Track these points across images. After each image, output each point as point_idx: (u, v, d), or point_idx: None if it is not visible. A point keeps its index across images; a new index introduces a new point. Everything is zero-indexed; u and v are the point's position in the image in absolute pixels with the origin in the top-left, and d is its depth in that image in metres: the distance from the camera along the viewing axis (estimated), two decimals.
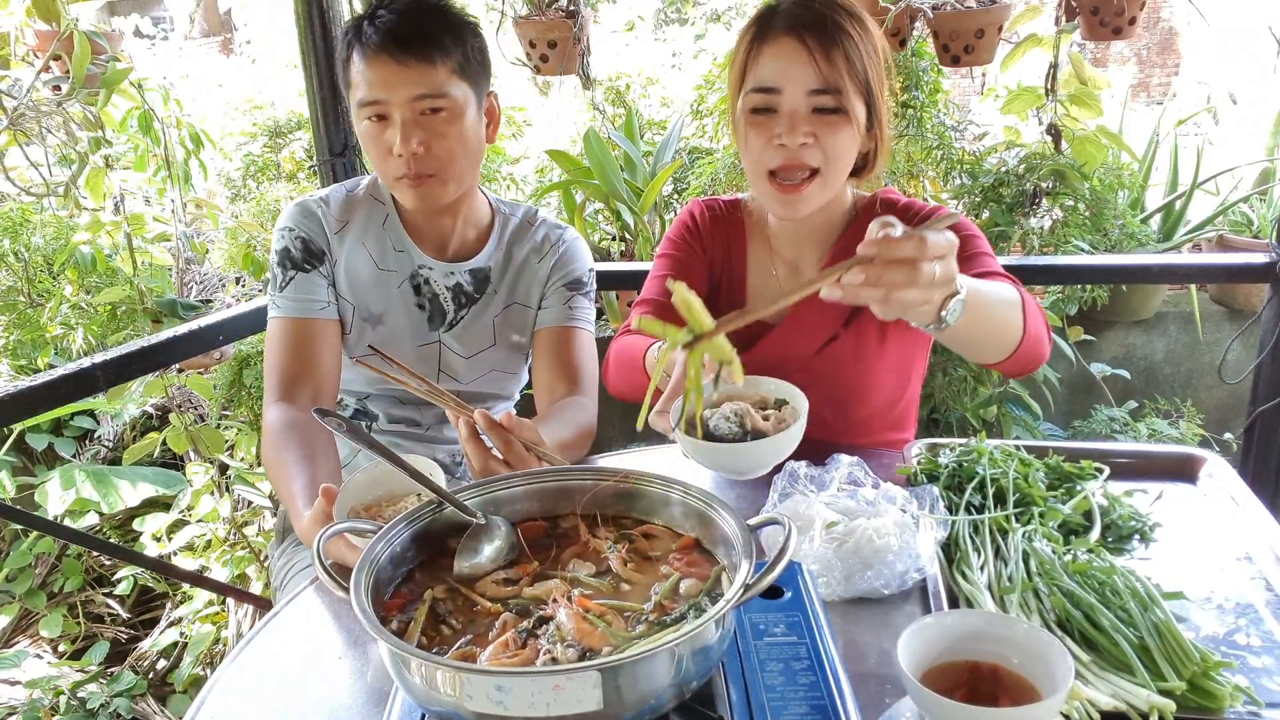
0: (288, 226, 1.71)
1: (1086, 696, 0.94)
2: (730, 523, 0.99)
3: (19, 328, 3.23)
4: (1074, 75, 2.93)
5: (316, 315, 1.68)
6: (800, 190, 1.49)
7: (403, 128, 1.55)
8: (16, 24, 2.73)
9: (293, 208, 1.73)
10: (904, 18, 2.69)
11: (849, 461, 1.35)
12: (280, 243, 1.70)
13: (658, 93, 4.65)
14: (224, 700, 1.09)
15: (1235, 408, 3.50)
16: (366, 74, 1.56)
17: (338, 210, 1.73)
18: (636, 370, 1.56)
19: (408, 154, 1.56)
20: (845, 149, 1.49)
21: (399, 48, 1.53)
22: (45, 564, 3.05)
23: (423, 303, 1.75)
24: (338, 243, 1.71)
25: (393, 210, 1.75)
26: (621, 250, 3.58)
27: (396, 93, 1.55)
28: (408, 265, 1.74)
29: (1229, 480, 1.40)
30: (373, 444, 1.11)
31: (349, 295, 1.72)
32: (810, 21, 1.44)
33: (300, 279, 1.68)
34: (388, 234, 1.74)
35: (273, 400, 1.63)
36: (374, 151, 1.61)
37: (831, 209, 1.61)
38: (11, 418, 1.94)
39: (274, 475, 1.55)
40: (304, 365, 1.66)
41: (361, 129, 1.62)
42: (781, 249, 1.69)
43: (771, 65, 1.47)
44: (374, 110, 1.57)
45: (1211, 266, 2.85)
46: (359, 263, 1.72)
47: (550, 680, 0.80)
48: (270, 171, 4.60)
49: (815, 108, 1.46)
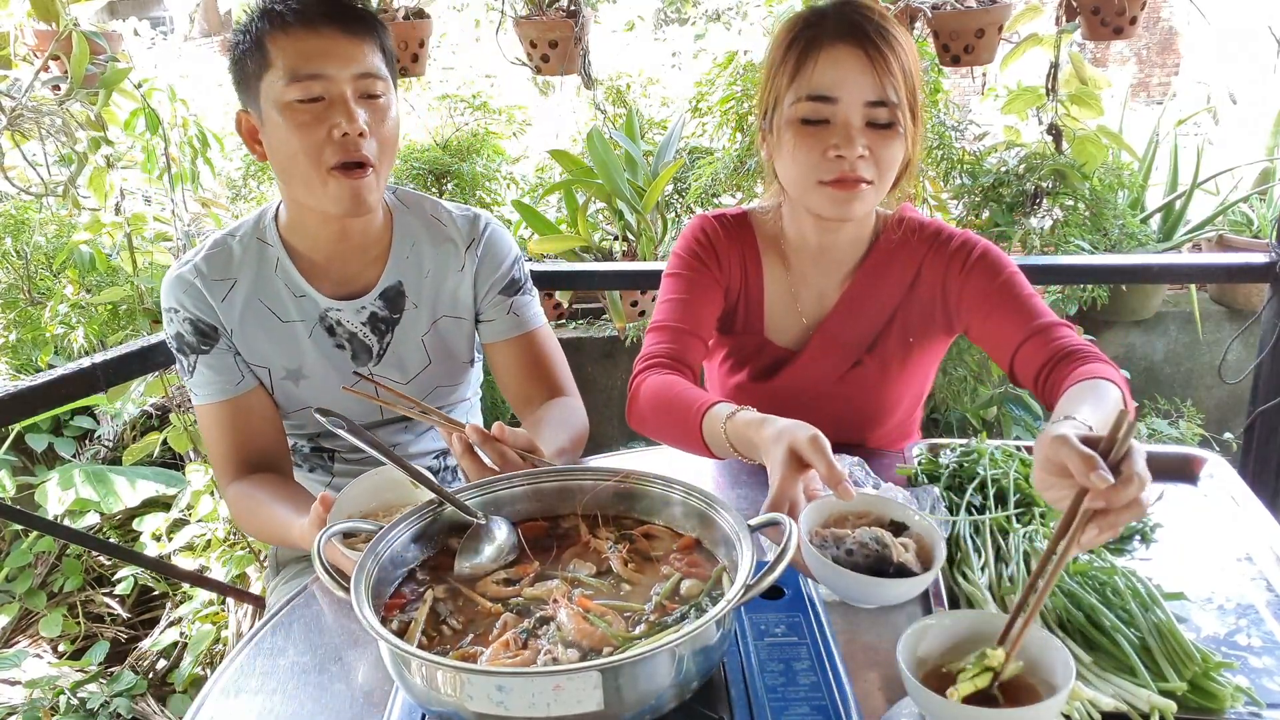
0: (171, 307, 1.54)
1: (1088, 697, 0.94)
2: (731, 523, 0.99)
3: (19, 327, 3.23)
4: (1074, 75, 2.94)
5: (236, 394, 1.54)
6: (858, 189, 1.42)
7: (346, 104, 1.40)
8: (16, 24, 2.72)
9: (169, 284, 1.54)
10: (904, 18, 2.68)
11: (850, 461, 1.35)
12: (171, 327, 1.55)
13: (658, 92, 4.65)
14: (224, 700, 1.09)
15: (1235, 408, 3.50)
16: (302, 46, 1.39)
17: (216, 270, 1.54)
18: (687, 428, 1.37)
19: (354, 133, 1.39)
20: (895, 162, 1.44)
21: (345, 19, 1.41)
22: (45, 564, 3.05)
23: (340, 343, 1.60)
24: (227, 310, 1.53)
25: (282, 251, 1.56)
26: (624, 250, 3.58)
27: (341, 66, 1.39)
28: (313, 310, 1.57)
29: (1229, 480, 1.40)
30: (374, 443, 1.11)
31: (259, 360, 1.57)
32: (868, 30, 1.39)
33: (205, 362, 1.53)
34: (280, 279, 1.56)
35: (227, 483, 1.55)
36: (300, 141, 1.41)
37: (861, 226, 1.57)
38: (11, 418, 1.93)
39: (260, 525, 1.49)
40: (245, 443, 1.55)
41: (282, 122, 1.41)
42: (801, 266, 1.61)
43: (829, 73, 1.40)
44: (309, 86, 1.39)
45: (1211, 266, 2.85)
46: (257, 323, 1.55)
47: (551, 680, 0.80)
48: (270, 171, 4.60)
49: (869, 120, 1.40)
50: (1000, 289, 1.48)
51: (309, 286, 1.57)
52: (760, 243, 1.63)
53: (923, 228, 1.58)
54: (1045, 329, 1.42)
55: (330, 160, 1.41)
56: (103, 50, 2.67)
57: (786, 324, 1.63)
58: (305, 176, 1.44)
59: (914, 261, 1.56)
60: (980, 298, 1.50)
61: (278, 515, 1.42)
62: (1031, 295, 1.48)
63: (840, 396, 1.59)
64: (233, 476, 1.54)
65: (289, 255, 1.57)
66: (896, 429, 1.69)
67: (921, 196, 3.31)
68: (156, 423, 3.32)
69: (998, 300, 1.48)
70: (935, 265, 1.55)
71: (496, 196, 3.83)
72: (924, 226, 1.58)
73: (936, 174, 3.31)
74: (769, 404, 1.39)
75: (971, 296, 1.51)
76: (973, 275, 1.51)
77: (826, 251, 1.59)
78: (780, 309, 1.63)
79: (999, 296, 1.48)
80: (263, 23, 1.41)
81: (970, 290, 1.51)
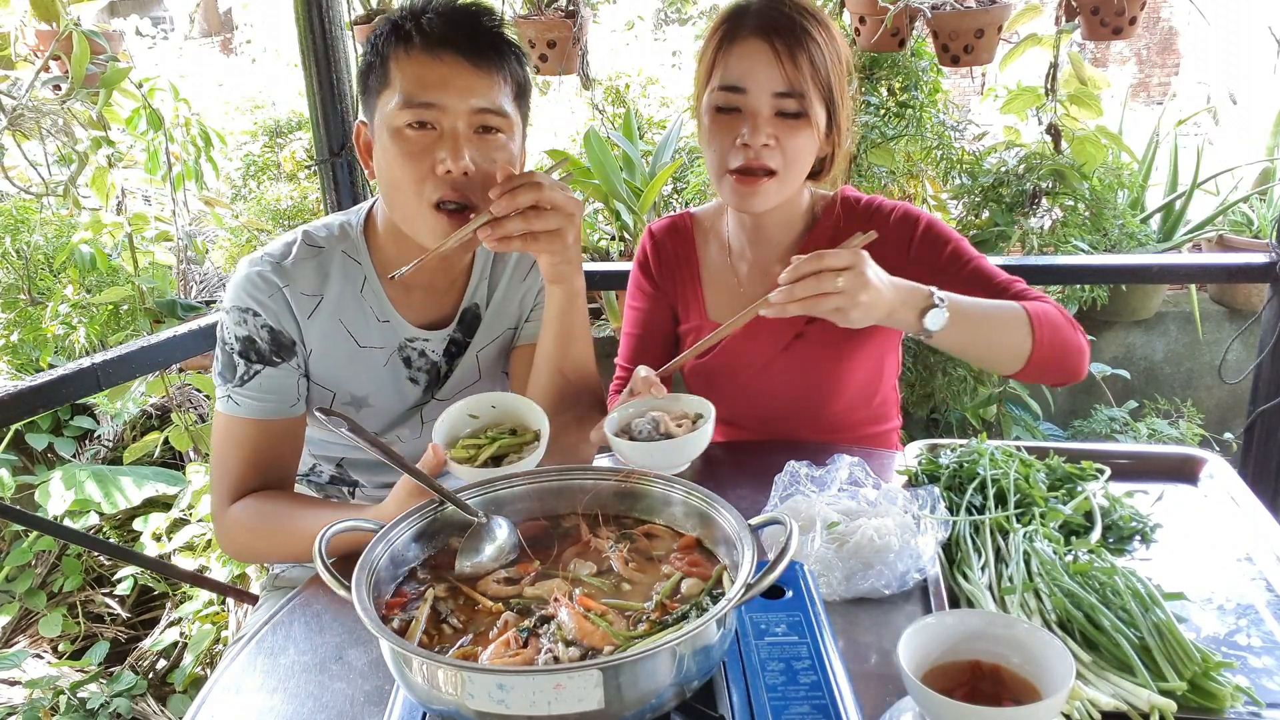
0: (250, 309, 1.39)
1: (1087, 696, 0.94)
2: (732, 522, 0.99)
3: (20, 326, 3.24)
4: (1074, 75, 2.93)
5: (287, 415, 1.42)
6: (758, 183, 1.51)
7: (455, 140, 1.30)
8: (17, 24, 2.73)
9: (250, 279, 1.40)
10: (903, 18, 2.68)
11: (849, 462, 1.35)
12: (241, 328, 1.40)
13: (657, 92, 4.66)
14: (224, 700, 1.09)
15: (1235, 408, 3.51)
16: (422, 71, 1.29)
17: (307, 284, 1.42)
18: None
19: (458, 172, 1.30)
20: (804, 152, 1.52)
21: (474, 49, 1.30)
22: (45, 563, 3.05)
23: (415, 376, 1.52)
24: (310, 327, 1.42)
25: (371, 270, 1.47)
26: (621, 250, 3.58)
27: (459, 98, 1.30)
28: (393, 339, 1.48)
29: (1229, 480, 1.40)
30: (375, 442, 1.11)
31: (327, 382, 1.46)
32: (780, 24, 1.47)
33: (268, 375, 1.40)
34: (367, 302, 1.46)
35: (228, 503, 1.41)
36: (405, 169, 1.32)
37: (790, 209, 1.64)
38: (11, 417, 1.94)
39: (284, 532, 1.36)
40: (266, 467, 1.42)
41: (390, 145, 1.32)
42: (740, 245, 1.70)
43: (739, 65, 1.49)
44: (422, 114, 1.30)
45: (1211, 266, 2.85)
46: (336, 345, 1.45)
47: (551, 679, 0.80)
48: (271, 171, 4.60)
49: (778, 110, 1.49)
50: (950, 259, 1.57)
51: (395, 312, 1.48)
52: (697, 236, 1.76)
53: (860, 204, 1.65)
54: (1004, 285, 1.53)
55: (431, 196, 1.32)
56: (103, 50, 2.67)
57: (729, 303, 1.71)
58: (404, 207, 1.36)
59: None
60: (931, 270, 1.55)
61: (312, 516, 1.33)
62: (981, 259, 1.58)
63: (785, 369, 1.65)
64: (236, 497, 1.41)
65: (378, 277, 1.47)
66: (860, 410, 1.71)
67: (921, 196, 3.31)
68: (156, 422, 3.32)
69: (953, 271, 1.56)
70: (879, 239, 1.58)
71: None
72: (860, 202, 1.66)
73: (936, 174, 3.31)
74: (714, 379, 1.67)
75: (920, 268, 1.54)
76: (920, 248, 1.58)
77: (760, 230, 1.67)
78: (722, 290, 1.72)
79: (952, 266, 1.56)
80: (390, 39, 1.33)
81: (918, 263, 1.56)
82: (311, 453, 1.59)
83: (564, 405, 1.49)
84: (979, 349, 1.47)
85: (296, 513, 1.38)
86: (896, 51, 2.91)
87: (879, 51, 2.92)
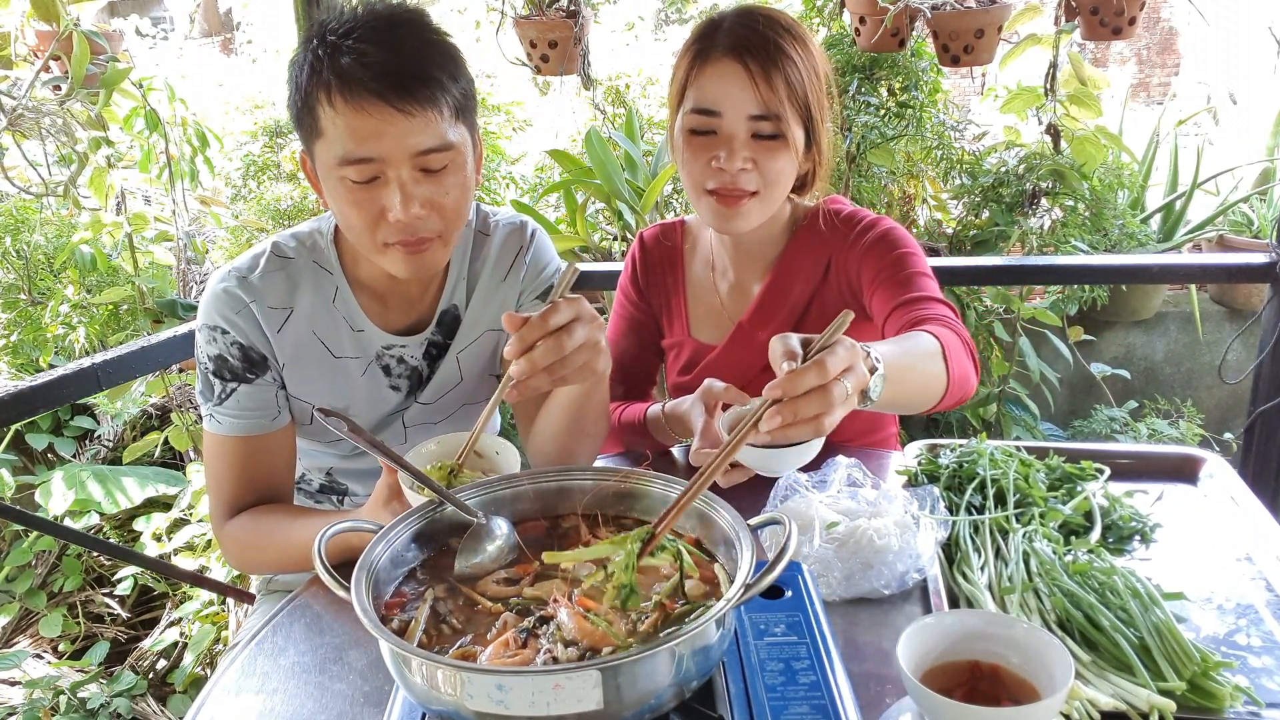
0: (219, 326, 1.37)
1: (1087, 696, 0.94)
2: (731, 522, 0.99)
3: (20, 326, 3.24)
4: (1074, 75, 2.93)
5: (269, 430, 1.41)
6: (740, 204, 1.47)
7: (402, 189, 1.25)
8: (17, 24, 2.73)
9: (217, 295, 1.38)
10: (903, 18, 2.68)
11: (847, 463, 1.35)
12: (212, 346, 1.38)
13: (658, 92, 4.65)
14: (224, 700, 1.09)
15: (1235, 408, 3.51)
16: (351, 124, 1.21)
17: (275, 297, 1.39)
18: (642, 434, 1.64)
19: (408, 219, 1.26)
20: (783, 173, 1.48)
21: (399, 93, 1.20)
22: (45, 564, 3.05)
23: (397, 383, 1.50)
24: (281, 342, 1.40)
25: (342, 280, 1.43)
26: (623, 250, 3.58)
27: (396, 148, 1.22)
28: (369, 347, 1.46)
29: (1229, 480, 1.40)
30: (374, 443, 1.11)
31: (303, 395, 1.44)
32: (753, 43, 1.42)
33: (244, 392, 1.39)
34: (339, 312, 1.43)
35: (226, 519, 1.42)
36: (355, 217, 1.28)
37: (771, 226, 1.59)
38: (11, 417, 1.94)
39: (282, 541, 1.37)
40: (259, 483, 1.42)
41: (336, 190, 1.27)
42: (722, 263, 1.68)
43: (713, 87, 1.44)
44: (362, 170, 1.24)
45: (1211, 266, 2.85)
46: (310, 357, 1.43)
47: (550, 679, 0.80)
48: (271, 171, 4.60)
49: (754, 133, 1.44)
50: (890, 265, 1.49)
51: (369, 321, 1.45)
52: (686, 247, 1.73)
53: (839, 217, 1.59)
54: (913, 301, 1.41)
55: (387, 238, 1.29)
56: (103, 50, 2.68)
57: (711, 321, 1.69)
58: (360, 244, 1.34)
59: (827, 251, 1.59)
60: (872, 274, 1.51)
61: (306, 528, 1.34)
62: (920, 274, 1.47)
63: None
64: (233, 513, 1.42)
65: (350, 286, 1.44)
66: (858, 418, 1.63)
67: (921, 196, 3.31)
68: (156, 422, 3.32)
69: (886, 276, 1.48)
70: (843, 251, 1.57)
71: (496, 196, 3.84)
72: (840, 215, 1.60)
73: (936, 174, 3.31)
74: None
75: (867, 274, 1.52)
76: (869, 253, 1.52)
77: (741, 248, 1.64)
78: (704, 307, 1.70)
79: (887, 272, 1.49)
80: (311, 84, 1.23)
81: (866, 268, 1.52)
82: (301, 461, 1.58)
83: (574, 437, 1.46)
84: (899, 402, 1.27)
85: (291, 525, 1.38)
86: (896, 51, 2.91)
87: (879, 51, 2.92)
